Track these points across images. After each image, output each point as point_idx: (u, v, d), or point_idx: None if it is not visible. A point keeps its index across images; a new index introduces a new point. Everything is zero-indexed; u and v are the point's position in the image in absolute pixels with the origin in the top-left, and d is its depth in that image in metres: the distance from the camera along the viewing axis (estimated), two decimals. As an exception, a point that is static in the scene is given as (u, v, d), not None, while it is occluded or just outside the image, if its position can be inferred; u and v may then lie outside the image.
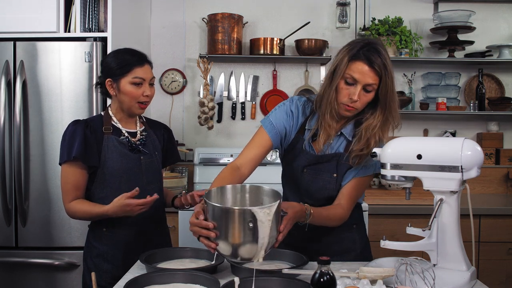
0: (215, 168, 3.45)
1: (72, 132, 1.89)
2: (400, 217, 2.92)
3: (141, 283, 1.41)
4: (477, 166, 1.46)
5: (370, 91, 1.62)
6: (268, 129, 1.76)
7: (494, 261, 2.95)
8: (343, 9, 3.49)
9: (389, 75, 1.60)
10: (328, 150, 1.77)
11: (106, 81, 1.92)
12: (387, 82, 1.60)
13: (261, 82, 3.68)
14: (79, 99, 2.71)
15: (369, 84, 1.60)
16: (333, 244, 1.81)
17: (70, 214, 1.92)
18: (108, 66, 1.93)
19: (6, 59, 2.70)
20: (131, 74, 1.89)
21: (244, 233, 1.32)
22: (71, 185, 1.89)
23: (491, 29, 3.63)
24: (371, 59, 1.58)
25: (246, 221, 1.31)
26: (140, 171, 1.95)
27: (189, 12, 3.66)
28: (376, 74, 1.60)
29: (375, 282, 1.34)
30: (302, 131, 1.79)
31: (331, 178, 1.75)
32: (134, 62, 1.90)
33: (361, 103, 1.65)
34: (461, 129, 3.63)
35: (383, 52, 1.61)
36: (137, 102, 1.91)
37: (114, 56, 1.94)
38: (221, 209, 1.34)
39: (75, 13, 2.79)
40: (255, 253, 1.35)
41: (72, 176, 1.89)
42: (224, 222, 1.34)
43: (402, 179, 1.54)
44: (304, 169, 1.77)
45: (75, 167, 1.88)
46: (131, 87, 1.89)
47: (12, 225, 2.72)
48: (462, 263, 1.48)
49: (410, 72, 3.59)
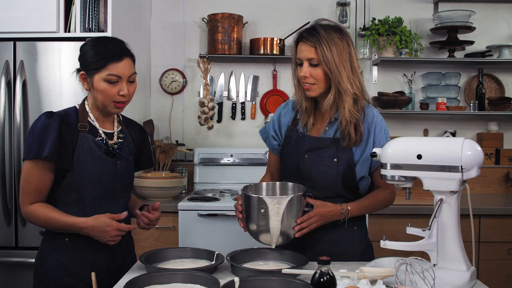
0: (215, 168, 3.46)
1: (45, 126, 1.64)
2: (400, 217, 2.91)
3: (141, 283, 1.41)
4: (477, 166, 1.46)
5: (316, 64, 1.72)
6: (264, 137, 1.99)
7: (494, 261, 2.95)
8: (343, 9, 3.49)
9: (326, 46, 1.70)
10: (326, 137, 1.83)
11: (80, 73, 1.71)
12: (325, 54, 1.70)
13: (261, 82, 3.68)
14: (79, 99, 2.66)
15: (310, 59, 1.72)
16: (331, 244, 1.81)
17: (27, 217, 1.68)
18: (83, 57, 1.70)
19: (6, 59, 2.70)
20: (106, 71, 1.65)
21: (258, 218, 1.64)
22: (34, 186, 1.65)
23: (491, 29, 3.63)
24: (305, 36, 1.74)
25: (259, 207, 1.62)
26: (114, 177, 1.75)
27: (189, 12, 3.66)
28: (312, 47, 1.71)
29: (375, 282, 1.34)
30: (296, 123, 1.88)
31: (332, 163, 1.78)
32: (109, 56, 1.65)
33: (314, 79, 1.74)
34: (461, 129, 3.63)
35: (320, 28, 1.73)
36: (112, 101, 1.69)
37: (91, 46, 1.69)
38: (244, 196, 1.69)
39: (75, 13, 2.79)
40: (269, 237, 1.65)
41: (37, 177, 1.65)
42: (246, 207, 1.68)
43: (402, 179, 1.54)
44: (305, 154, 1.81)
45: (43, 168, 1.65)
46: (105, 85, 1.66)
47: (12, 225, 2.72)
48: (462, 263, 1.48)
49: (410, 72, 3.59)
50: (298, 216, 1.66)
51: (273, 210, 1.61)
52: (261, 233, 1.66)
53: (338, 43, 1.71)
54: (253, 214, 1.65)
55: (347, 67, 1.72)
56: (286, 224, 1.63)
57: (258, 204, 1.62)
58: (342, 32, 1.75)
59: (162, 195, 3.06)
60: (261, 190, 1.82)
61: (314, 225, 1.69)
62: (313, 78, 1.74)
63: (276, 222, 1.62)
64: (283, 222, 1.62)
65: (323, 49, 1.70)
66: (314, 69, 1.73)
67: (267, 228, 1.63)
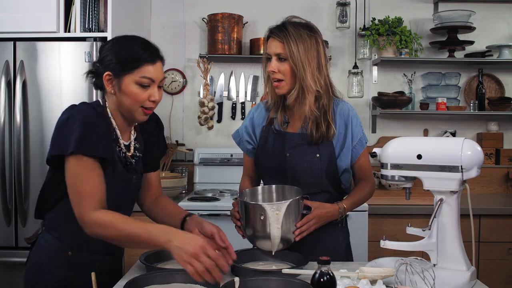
0: (215, 168, 3.45)
1: (95, 123, 1.45)
2: (400, 217, 2.91)
3: (141, 283, 1.41)
4: (477, 166, 1.46)
5: (284, 59, 1.73)
6: (237, 141, 2.01)
7: (494, 261, 2.95)
8: (343, 9, 3.49)
9: (293, 42, 1.71)
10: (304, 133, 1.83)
11: (105, 74, 1.51)
12: (292, 49, 1.71)
13: (261, 82, 3.67)
14: (79, 99, 2.68)
15: (278, 54, 1.73)
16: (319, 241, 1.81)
17: (93, 227, 1.39)
18: (109, 56, 1.52)
19: (6, 59, 2.71)
20: (139, 72, 1.49)
21: (258, 224, 1.61)
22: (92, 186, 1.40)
23: (491, 29, 3.63)
24: (274, 32, 1.76)
25: (258, 214, 1.59)
26: (126, 194, 1.62)
27: (189, 12, 3.66)
28: (280, 42, 1.73)
29: (375, 282, 1.34)
30: (271, 123, 1.88)
31: (315, 159, 1.78)
32: (145, 57, 1.51)
33: (282, 74, 1.75)
34: (461, 129, 3.63)
35: (289, 24, 1.75)
36: (140, 106, 1.53)
37: (119, 45, 1.54)
38: (242, 203, 1.64)
39: (75, 13, 2.79)
40: (270, 243, 1.63)
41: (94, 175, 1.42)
42: (244, 214, 1.64)
43: (402, 179, 1.54)
44: (287, 153, 1.81)
45: (96, 166, 1.43)
46: (136, 88, 1.50)
47: (12, 225, 2.72)
48: (462, 263, 1.48)
49: (410, 72, 3.59)
50: (297, 220, 1.65)
51: (272, 217, 1.58)
52: (261, 239, 1.64)
53: (306, 39, 1.73)
54: (252, 222, 1.62)
55: (313, 64, 1.73)
56: (285, 229, 1.61)
57: (257, 211, 1.59)
58: (311, 30, 1.77)
59: (162, 195, 3.06)
60: (257, 195, 1.79)
61: (313, 227, 1.69)
62: (281, 74, 1.75)
63: (277, 229, 1.60)
64: (283, 227, 1.60)
65: (290, 45, 1.71)
66: (281, 64, 1.74)
67: (267, 234, 1.61)
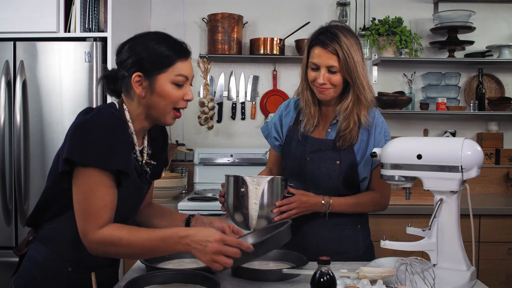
0: (215, 168, 3.46)
1: (116, 134, 1.34)
2: (400, 217, 2.91)
3: (141, 283, 1.41)
4: (477, 166, 1.46)
5: (335, 71, 1.69)
6: (265, 135, 1.97)
7: (494, 261, 2.95)
8: (343, 9, 3.49)
9: (347, 54, 1.67)
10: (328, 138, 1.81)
11: (134, 75, 1.37)
12: (347, 61, 1.67)
13: (261, 82, 3.68)
14: (79, 99, 2.71)
15: (331, 66, 1.69)
16: (333, 241, 1.81)
17: (99, 246, 1.31)
18: (134, 57, 1.39)
19: (6, 59, 2.71)
20: (174, 70, 1.38)
21: (238, 197, 1.62)
22: (103, 203, 1.30)
23: (491, 29, 3.63)
24: (325, 42, 1.68)
25: (239, 187, 1.61)
26: (138, 202, 1.55)
27: (189, 12, 3.66)
28: (334, 54, 1.67)
29: (375, 282, 1.34)
30: (297, 123, 1.86)
31: (335, 166, 1.77)
32: (178, 53, 1.39)
33: (332, 84, 1.72)
34: (461, 129, 3.63)
35: (340, 33, 1.68)
36: (173, 108, 1.42)
37: (144, 43, 1.40)
38: (227, 177, 1.66)
39: (75, 13, 2.79)
40: (247, 219, 1.62)
41: (105, 190, 1.31)
42: (227, 187, 1.66)
43: (402, 179, 1.54)
44: (307, 157, 1.79)
45: (110, 181, 1.32)
46: (171, 88, 1.38)
47: (12, 225, 2.72)
48: (462, 263, 1.48)
49: (410, 72, 3.59)
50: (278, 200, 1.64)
51: (252, 191, 1.59)
52: (239, 213, 1.63)
53: (356, 49, 1.69)
54: (233, 194, 1.63)
55: (365, 72, 1.72)
56: (264, 206, 1.61)
57: (239, 183, 1.61)
58: (356, 36, 1.74)
59: (162, 195, 3.06)
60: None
61: (294, 211, 1.66)
62: (331, 84, 1.72)
63: (254, 204, 1.59)
64: (262, 203, 1.60)
65: (345, 57, 1.66)
66: (333, 75, 1.70)
67: (245, 207, 1.60)
